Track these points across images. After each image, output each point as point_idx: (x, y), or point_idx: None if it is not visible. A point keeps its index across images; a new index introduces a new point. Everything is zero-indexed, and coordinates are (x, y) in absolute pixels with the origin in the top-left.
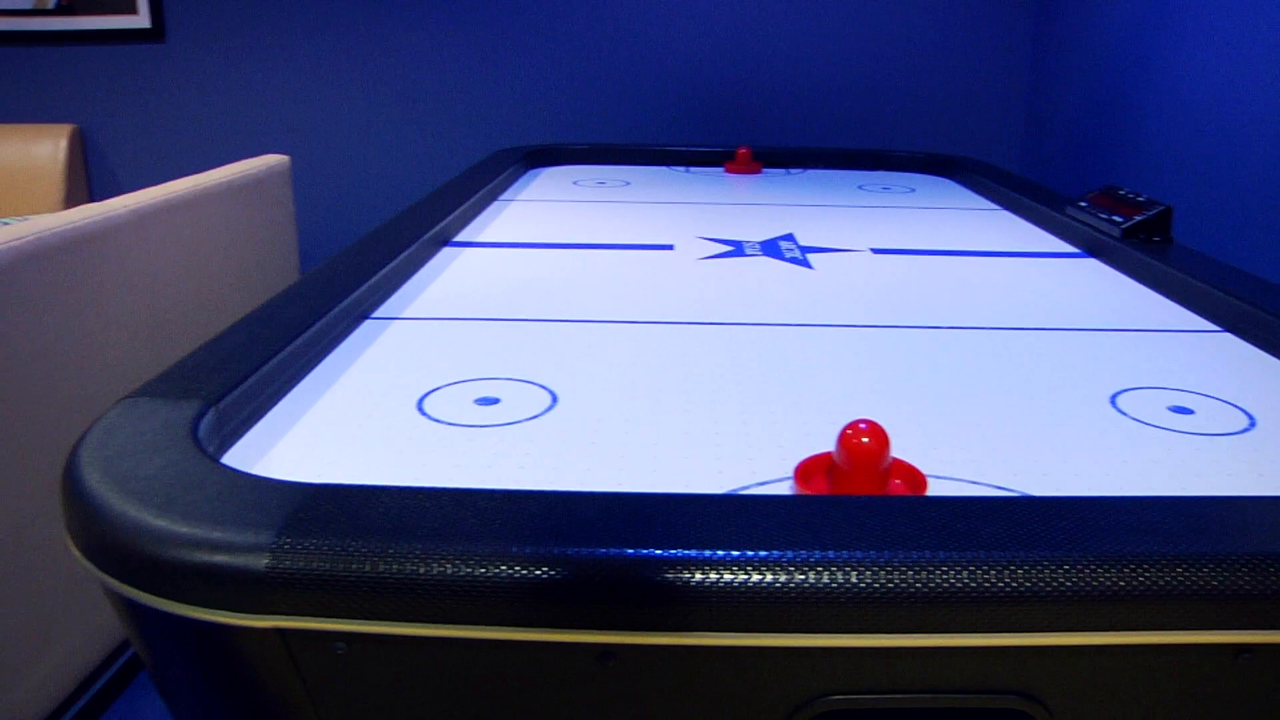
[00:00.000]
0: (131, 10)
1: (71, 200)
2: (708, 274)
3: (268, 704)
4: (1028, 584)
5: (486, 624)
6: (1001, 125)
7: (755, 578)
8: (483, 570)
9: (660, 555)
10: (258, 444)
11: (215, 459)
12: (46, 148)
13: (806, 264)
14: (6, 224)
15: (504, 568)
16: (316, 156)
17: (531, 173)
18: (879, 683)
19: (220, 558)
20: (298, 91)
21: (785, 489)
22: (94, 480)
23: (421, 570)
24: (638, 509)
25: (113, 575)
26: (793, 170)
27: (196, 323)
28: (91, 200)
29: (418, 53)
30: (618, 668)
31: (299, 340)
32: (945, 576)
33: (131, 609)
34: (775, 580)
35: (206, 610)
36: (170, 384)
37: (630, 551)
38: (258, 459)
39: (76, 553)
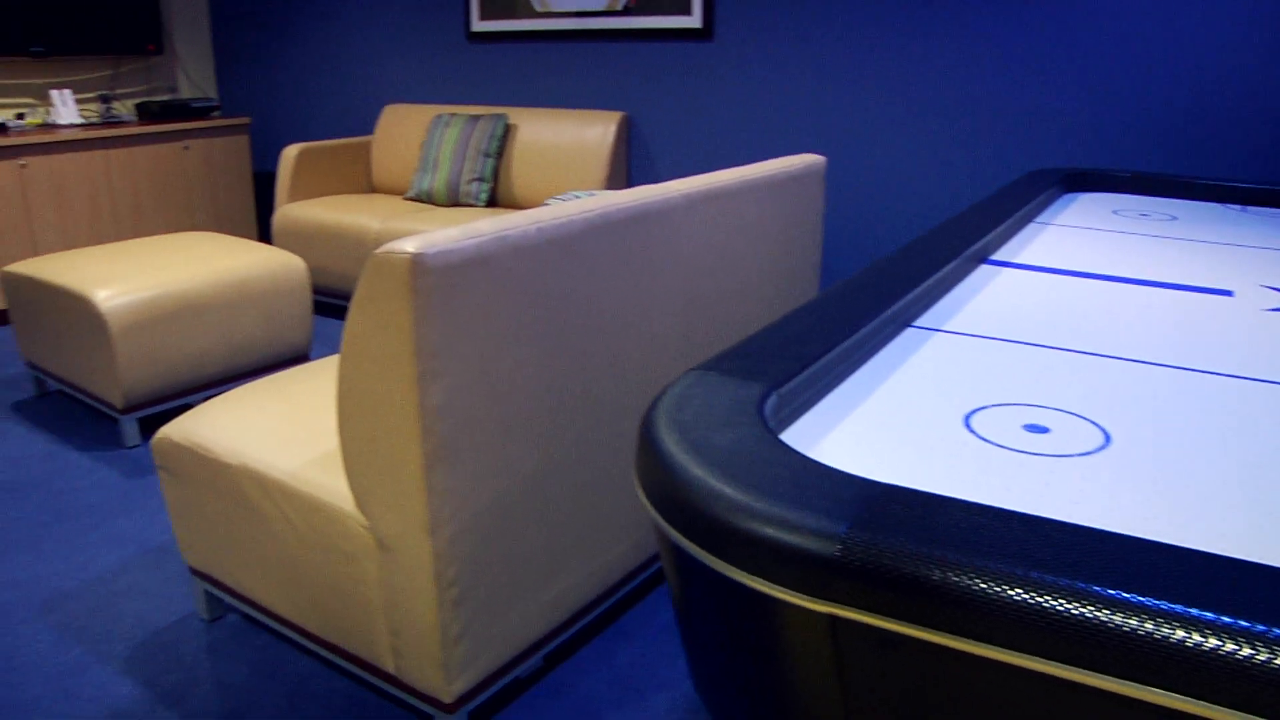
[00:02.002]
0: (686, 11)
1: (613, 179)
2: (1277, 328)
3: (795, 678)
4: None
5: (1044, 657)
6: None
7: None
8: (1051, 602)
9: (1234, 625)
10: (809, 432)
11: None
12: (597, 131)
13: None
14: (577, 197)
15: (1073, 604)
16: (845, 159)
17: (1068, 197)
18: None
19: (791, 537)
20: (833, 95)
21: None
22: (671, 443)
23: (991, 590)
24: (1215, 571)
25: (678, 530)
26: None
27: (723, 305)
28: (630, 181)
29: (957, 65)
30: None
31: (851, 338)
32: None
33: (684, 560)
34: None
35: (764, 583)
36: (736, 362)
37: (1203, 614)
38: (809, 447)
39: (645, 502)
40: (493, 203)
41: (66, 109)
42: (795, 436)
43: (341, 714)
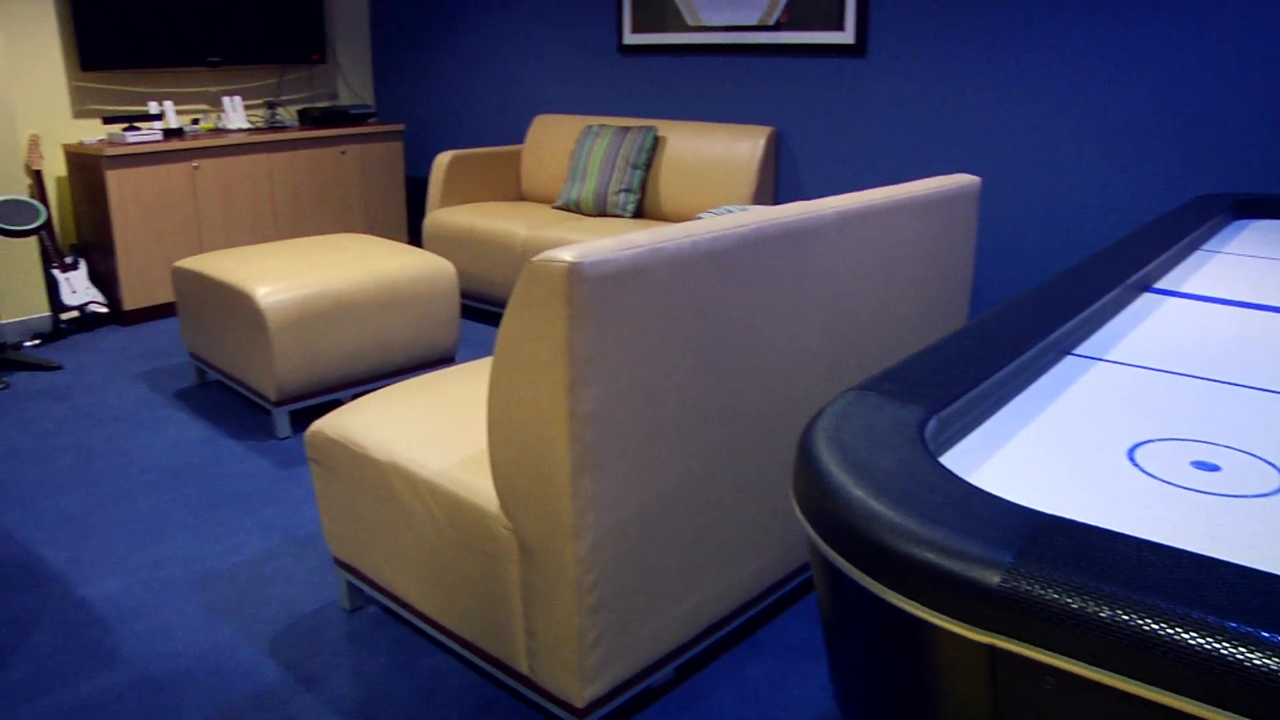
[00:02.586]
0: (839, 27)
1: (761, 194)
2: None
3: (948, 706)
4: None
5: (1219, 706)
6: None
7: None
8: (1226, 648)
9: None
10: (968, 457)
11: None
12: (746, 146)
13: None
14: (730, 211)
15: (1254, 654)
16: (1000, 180)
17: (1238, 224)
18: None
19: (953, 564)
20: (988, 114)
21: None
22: (831, 462)
23: (1163, 632)
24: None
25: (835, 549)
26: None
27: (870, 325)
28: (777, 196)
29: (1121, 86)
30: None
31: (1011, 365)
32: None
33: (838, 579)
34: None
35: (922, 608)
36: (896, 383)
37: None
38: (967, 473)
39: (802, 518)
40: (639, 214)
41: (236, 114)
42: (954, 461)
43: (473, 711)
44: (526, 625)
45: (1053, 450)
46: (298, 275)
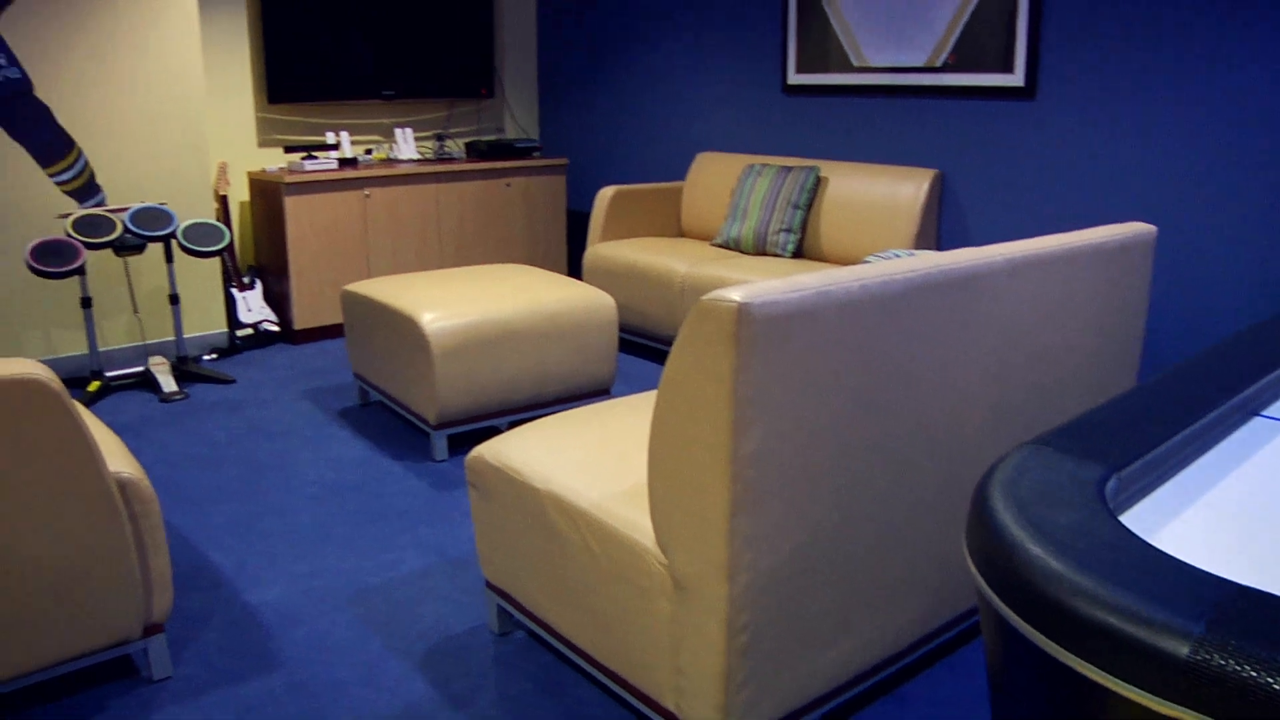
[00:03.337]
0: (1008, 69)
1: (923, 238)
2: None
3: None
4: None
5: None
6: None
7: None
8: None
9: None
10: (1148, 519)
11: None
12: (909, 188)
13: None
14: (897, 255)
15: None
16: (1176, 229)
17: None
18: None
19: (1139, 631)
20: (1165, 159)
21: None
22: (1008, 517)
23: None
24: None
25: (1010, 606)
26: None
27: (1037, 377)
28: (940, 241)
29: None
30: None
31: (1195, 424)
32: None
33: (1011, 636)
34: None
35: (1103, 674)
36: (1074, 439)
37: None
38: (1147, 537)
39: (975, 573)
40: (799, 254)
41: (406, 146)
42: (1132, 522)
43: None
44: (675, 662)
45: (1239, 517)
46: (462, 303)
